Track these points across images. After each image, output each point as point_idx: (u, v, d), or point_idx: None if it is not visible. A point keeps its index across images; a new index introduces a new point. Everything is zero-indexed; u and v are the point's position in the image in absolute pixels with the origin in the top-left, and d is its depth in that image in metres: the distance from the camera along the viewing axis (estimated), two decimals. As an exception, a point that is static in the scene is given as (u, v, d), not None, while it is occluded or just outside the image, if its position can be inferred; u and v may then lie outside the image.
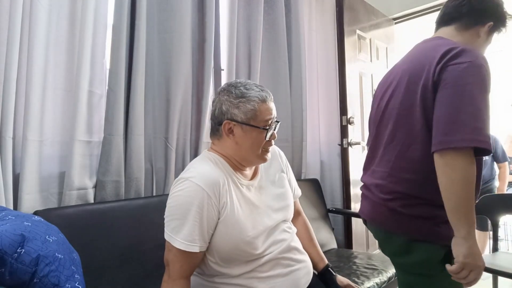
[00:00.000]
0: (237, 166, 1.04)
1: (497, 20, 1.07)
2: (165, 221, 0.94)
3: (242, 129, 0.98)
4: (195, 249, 0.90)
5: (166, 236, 0.93)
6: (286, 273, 1.00)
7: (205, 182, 0.92)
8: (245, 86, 1.00)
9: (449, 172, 0.87)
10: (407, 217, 0.99)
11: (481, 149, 0.86)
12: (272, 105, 1.02)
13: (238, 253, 0.96)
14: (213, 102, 1.04)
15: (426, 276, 1.00)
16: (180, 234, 0.90)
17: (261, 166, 1.12)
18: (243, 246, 0.95)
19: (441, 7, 1.18)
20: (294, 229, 1.13)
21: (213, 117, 1.03)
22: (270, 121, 1.00)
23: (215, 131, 1.03)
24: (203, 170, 0.96)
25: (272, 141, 1.04)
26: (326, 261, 1.21)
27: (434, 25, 1.24)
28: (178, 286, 0.92)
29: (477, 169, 0.89)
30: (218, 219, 0.94)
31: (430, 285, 1.00)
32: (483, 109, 0.87)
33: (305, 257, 1.10)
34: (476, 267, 0.88)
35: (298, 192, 1.25)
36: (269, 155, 1.05)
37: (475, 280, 0.90)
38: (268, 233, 1.01)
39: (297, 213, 1.23)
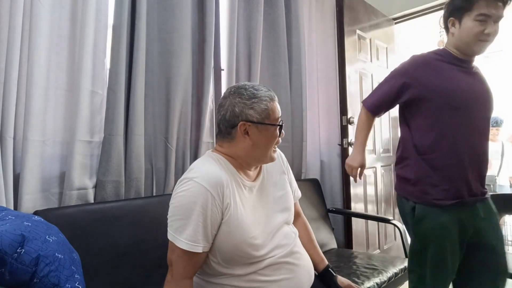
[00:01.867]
0: (244, 166, 1.04)
1: (455, 10, 1.28)
2: (168, 221, 0.94)
3: (257, 129, 0.99)
4: (199, 249, 0.90)
5: (169, 236, 0.93)
6: (289, 278, 1.00)
7: (209, 182, 0.91)
8: (254, 87, 1.02)
9: (359, 117, 1.49)
10: (398, 178, 1.40)
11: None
12: (278, 104, 1.05)
13: (240, 254, 0.96)
14: (221, 106, 1.03)
15: (407, 223, 1.37)
16: (184, 234, 0.89)
17: (264, 168, 1.12)
18: (245, 248, 0.95)
19: (441, 7, 1.28)
20: (296, 231, 1.13)
21: (223, 121, 1.01)
22: (279, 119, 1.03)
23: (226, 134, 1.02)
24: (207, 170, 0.96)
25: (280, 139, 1.06)
26: (326, 262, 1.22)
27: (434, 25, 1.34)
28: (182, 286, 0.92)
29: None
30: (222, 219, 0.94)
31: (409, 230, 1.37)
32: (383, 90, 1.41)
33: (307, 260, 1.10)
34: (350, 166, 1.49)
35: (298, 193, 1.25)
36: (276, 154, 1.07)
37: (353, 176, 1.50)
38: (270, 235, 1.01)
39: (297, 215, 1.23)
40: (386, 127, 2.80)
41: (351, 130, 2.37)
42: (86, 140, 1.38)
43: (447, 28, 1.36)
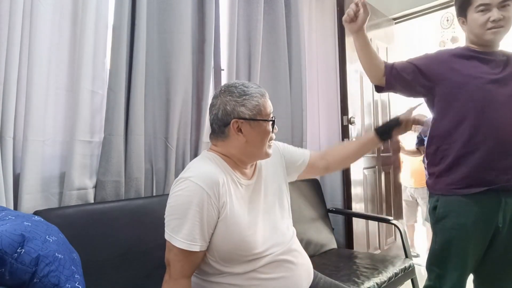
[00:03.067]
0: (239, 165, 1.04)
1: (459, 9, 1.33)
2: (165, 220, 0.94)
3: (250, 126, 0.99)
4: (196, 248, 0.91)
5: (166, 236, 0.93)
6: (288, 276, 1.00)
7: (205, 181, 0.92)
8: (243, 84, 1.02)
9: None
10: (427, 175, 1.37)
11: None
12: (269, 99, 1.06)
13: (238, 252, 0.96)
14: (213, 106, 1.03)
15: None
16: (181, 234, 0.90)
17: (259, 166, 1.12)
18: (243, 245, 0.95)
19: (441, 7, 1.29)
20: (294, 230, 1.13)
21: (216, 120, 1.02)
22: (271, 114, 1.04)
23: (220, 133, 1.02)
24: (203, 169, 0.96)
25: (273, 135, 1.06)
26: (372, 133, 1.25)
27: (434, 25, 1.36)
28: (179, 285, 0.92)
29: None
30: (218, 218, 0.94)
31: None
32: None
33: (306, 259, 1.10)
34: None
35: (306, 152, 1.25)
36: (271, 150, 1.07)
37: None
38: (268, 232, 1.02)
39: (320, 158, 1.26)
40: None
41: (352, 130, 2.37)
42: (86, 140, 1.38)
43: (462, 27, 1.38)
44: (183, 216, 0.90)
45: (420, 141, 2.87)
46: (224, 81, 1.94)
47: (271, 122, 1.03)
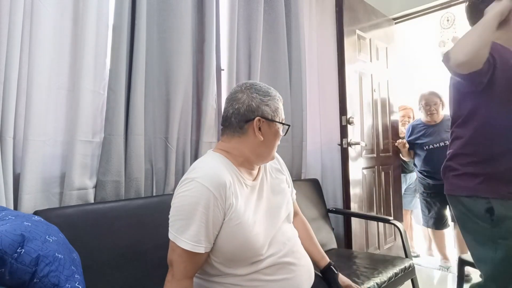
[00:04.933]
0: (245, 165, 1.04)
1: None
2: (169, 221, 0.94)
3: (268, 126, 1.01)
4: (201, 249, 0.90)
5: (170, 236, 0.92)
6: (290, 278, 1.00)
7: (211, 183, 0.91)
8: (265, 85, 1.05)
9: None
10: (458, 176, 1.25)
11: None
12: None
13: (242, 254, 0.96)
14: (235, 100, 1.01)
15: (475, 227, 1.20)
16: (186, 234, 0.89)
17: (263, 167, 1.12)
18: (247, 247, 0.95)
19: (441, 7, 1.26)
20: (296, 232, 1.13)
21: (237, 115, 1.00)
22: (284, 119, 1.07)
23: (238, 128, 1.01)
24: (210, 170, 0.95)
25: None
26: (328, 259, 1.22)
27: (434, 25, 1.32)
28: (182, 286, 0.92)
29: None
30: (224, 220, 0.94)
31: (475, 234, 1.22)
32: None
33: (307, 260, 1.10)
34: None
35: (294, 194, 1.27)
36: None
37: None
38: (271, 234, 1.01)
39: (295, 213, 1.24)
40: (386, 128, 2.80)
41: (351, 130, 2.37)
42: (87, 140, 1.38)
43: (475, 18, 1.22)
44: (189, 217, 0.89)
45: (411, 146, 2.87)
46: (224, 81, 1.94)
47: (285, 127, 1.06)
